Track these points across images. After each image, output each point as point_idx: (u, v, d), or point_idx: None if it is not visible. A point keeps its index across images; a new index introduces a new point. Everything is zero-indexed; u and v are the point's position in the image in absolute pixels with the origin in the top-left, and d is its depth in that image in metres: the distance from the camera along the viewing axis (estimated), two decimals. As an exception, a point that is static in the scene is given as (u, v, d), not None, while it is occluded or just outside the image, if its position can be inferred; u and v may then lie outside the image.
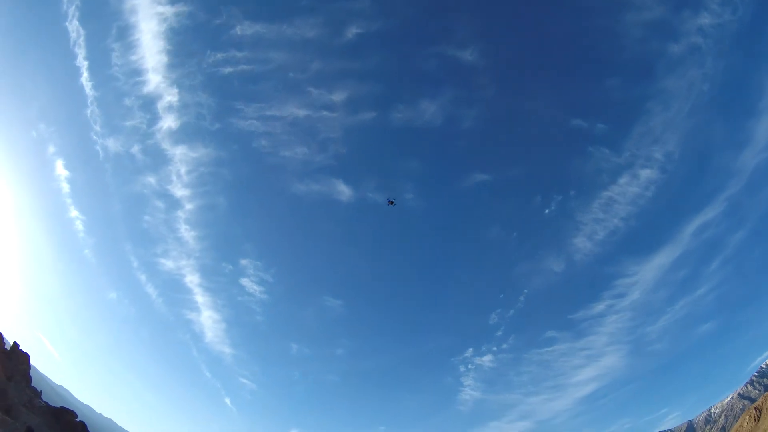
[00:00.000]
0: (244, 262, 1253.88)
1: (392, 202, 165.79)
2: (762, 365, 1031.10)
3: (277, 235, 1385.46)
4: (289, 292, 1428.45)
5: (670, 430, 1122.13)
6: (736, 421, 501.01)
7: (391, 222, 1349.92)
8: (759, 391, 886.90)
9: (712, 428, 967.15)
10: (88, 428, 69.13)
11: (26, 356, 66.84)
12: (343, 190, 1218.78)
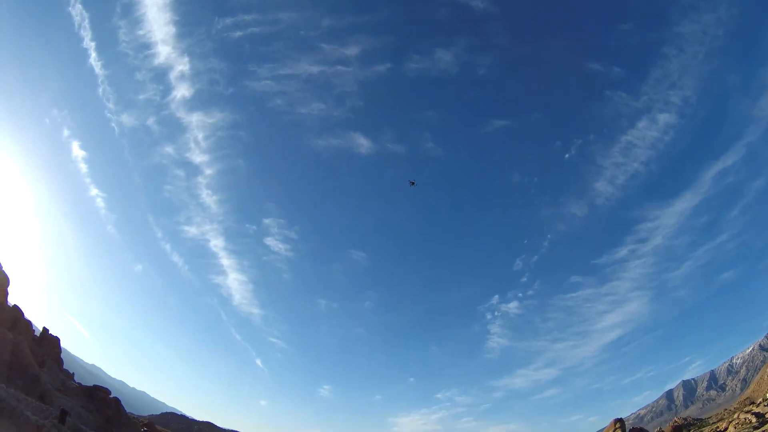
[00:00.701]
0: (267, 221, 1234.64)
1: (413, 183, 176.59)
2: None
3: (299, 192, 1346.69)
4: (313, 247, 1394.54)
5: (693, 379, 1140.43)
6: (757, 372, 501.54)
7: (412, 171, 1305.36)
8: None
9: (733, 379, 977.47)
10: (122, 404, 62.49)
11: (56, 340, 66.12)
12: (362, 143, 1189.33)
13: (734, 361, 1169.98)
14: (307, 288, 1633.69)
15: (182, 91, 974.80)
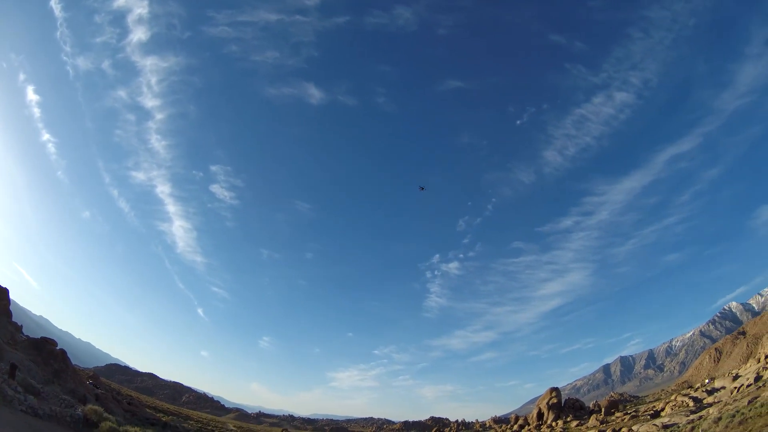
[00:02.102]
0: (214, 168, 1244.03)
1: (422, 188, 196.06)
2: (725, 307, 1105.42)
3: (248, 140, 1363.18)
4: (259, 196, 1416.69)
5: (631, 356, 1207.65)
6: (696, 357, 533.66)
7: (362, 125, 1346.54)
8: (720, 332, 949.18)
9: (672, 360, 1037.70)
10: (68, 355, 63.05)
11: (5, 291, 65.25)
12: (314, 94, 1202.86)
13: (674, 343, 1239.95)
14: (251, 237, 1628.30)
15: (139, 35, 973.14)
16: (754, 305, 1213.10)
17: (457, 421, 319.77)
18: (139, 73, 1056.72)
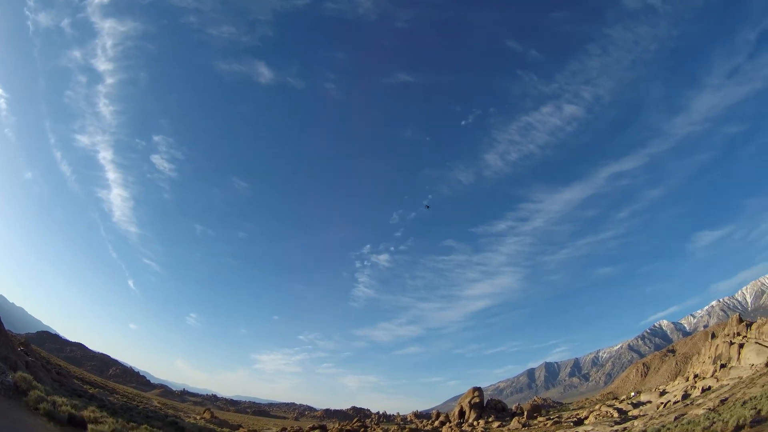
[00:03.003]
0: (157, 138, 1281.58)
1: (428, 206, 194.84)
2: (655, 324, 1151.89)
3: (194, 112, 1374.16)
4: (198, 170, 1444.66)
5: (557, 363, 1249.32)
6: (623, 370, 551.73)
7: (308, 109, 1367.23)
8: (649, 347, 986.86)
9: (598, 371, 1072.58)
10: (2, 320, 56.20)
11: None
12: (264, 73, 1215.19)
13: (601, 354, 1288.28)
14: (186, 211, 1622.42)
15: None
16: (685, 325, 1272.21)
17: (378, 412, 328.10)
18: (96, 34, 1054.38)
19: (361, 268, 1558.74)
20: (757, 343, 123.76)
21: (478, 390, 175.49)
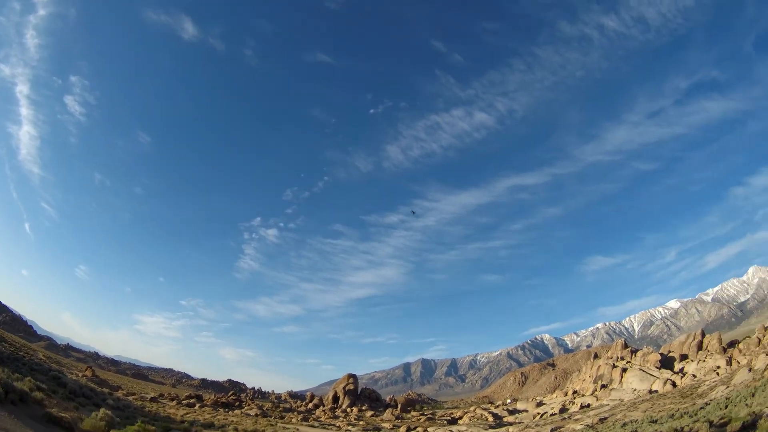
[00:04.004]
0: (74, 79, 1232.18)
1: (414, 212, 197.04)
2: (537, 336, 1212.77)
3: (113, 58, 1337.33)
4: (107, 118, 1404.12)
5: (434, 360, 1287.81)
6: (501, 376, 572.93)
7: (222, 73, 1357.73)
8: (528, 358, 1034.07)
9: (475, 374, 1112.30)
10: None
11: None
12: (188, 29, 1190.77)
13: (479, 358, 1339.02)
14: (89, 158, 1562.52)
15: None
16: (568, 342, 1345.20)
17: (253, 388, 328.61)
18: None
19: (248, 240, 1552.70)
20: (641, 370, 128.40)
21: (353, 377, 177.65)
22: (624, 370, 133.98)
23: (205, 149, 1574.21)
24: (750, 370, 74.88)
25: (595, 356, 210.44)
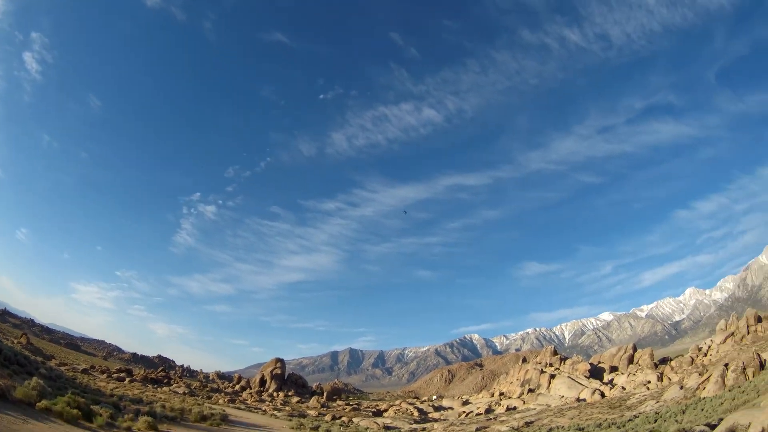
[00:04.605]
0: (35, 35, 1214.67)
1: (405, 212, 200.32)
2: (466, 336, 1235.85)
3: (75, 17, 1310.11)
4: (63, 78, 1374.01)
5: (362, 351, 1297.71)
6: (428, 372, 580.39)
7: (180, 43, 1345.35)
8: (456, 356, 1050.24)
9: (402, 368, 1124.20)
10: None
11: None
12: None
13: (407, 352, 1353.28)
14: (39, 119, 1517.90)
15: None
16: (497, 344, 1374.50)
17: (182, 366, 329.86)
18: None
19: (187, 214, 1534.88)
20: (569, 377, 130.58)
21: (280, 361, 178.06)
22: (552, 376, 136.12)
23: (153, 119, 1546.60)
24: (681, 387, 76.42)
25: (524, 360, 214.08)
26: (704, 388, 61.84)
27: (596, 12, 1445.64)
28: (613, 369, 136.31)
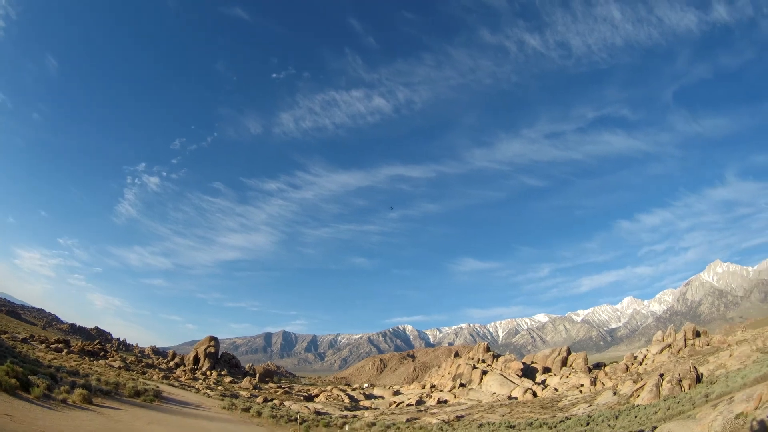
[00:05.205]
0: None
1: (392, 208, 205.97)
2: (399, 326, 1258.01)
3: None
4: (24, 36, 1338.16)
5: (295, 334, 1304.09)
6: (360, 359, 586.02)
7: (140, 10, 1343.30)
8: (389, 346, 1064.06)
9: (335, 354, 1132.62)
10: None
11: None
12: None
13: (340, 338, 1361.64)
14: None
15: None
16: (430, 336, 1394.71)
17: (118, 339, 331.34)
18: None
19: (130, 184, 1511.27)
20: (502, 375, 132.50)
21: (214, 340, 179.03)
22: (484, 372, 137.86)
23: (107, 85, 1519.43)
24: (615, 393, 78.08)
25: (457, 354, 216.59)
26: (638, 396, 63.16)
27: (560, 21, 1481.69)
28: (546, 370, 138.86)
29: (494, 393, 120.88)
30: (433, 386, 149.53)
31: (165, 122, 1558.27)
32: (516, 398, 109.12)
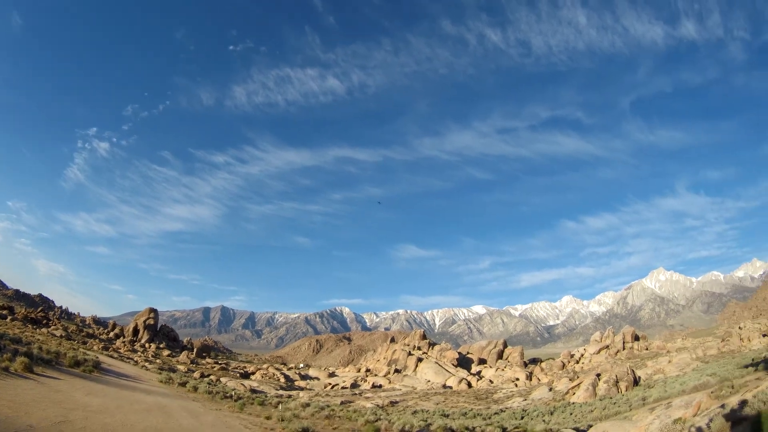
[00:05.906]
0: None
1: (380, 203, 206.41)
2: (337, 308, 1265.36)
3: None
4: None
5: (233, 310, 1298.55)
6: (297, 339, 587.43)
7: None
8: (326, 327, 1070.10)
9: (272, 332, 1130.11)
10: None
11: None
12: None
13: (277, 317, 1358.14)
14: None
15: None
16: (366, 320, 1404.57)
17: (61, 307, 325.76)
18: None
19: (81, 149, 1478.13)
20: (437, 363, 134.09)
21: (154, 312, 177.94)
22: (420, 359, 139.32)
23: (67, 45, 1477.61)
24: (551, 389, 79.72)
25: (393, 340, 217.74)
26: (574, 394, 64.53)
27: (524, 19, 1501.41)
28: (482, 361, 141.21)
29: (429, 381, 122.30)
30: (368, 370, 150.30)
31: (119, 87, 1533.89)
32: (451, 387, 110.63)
